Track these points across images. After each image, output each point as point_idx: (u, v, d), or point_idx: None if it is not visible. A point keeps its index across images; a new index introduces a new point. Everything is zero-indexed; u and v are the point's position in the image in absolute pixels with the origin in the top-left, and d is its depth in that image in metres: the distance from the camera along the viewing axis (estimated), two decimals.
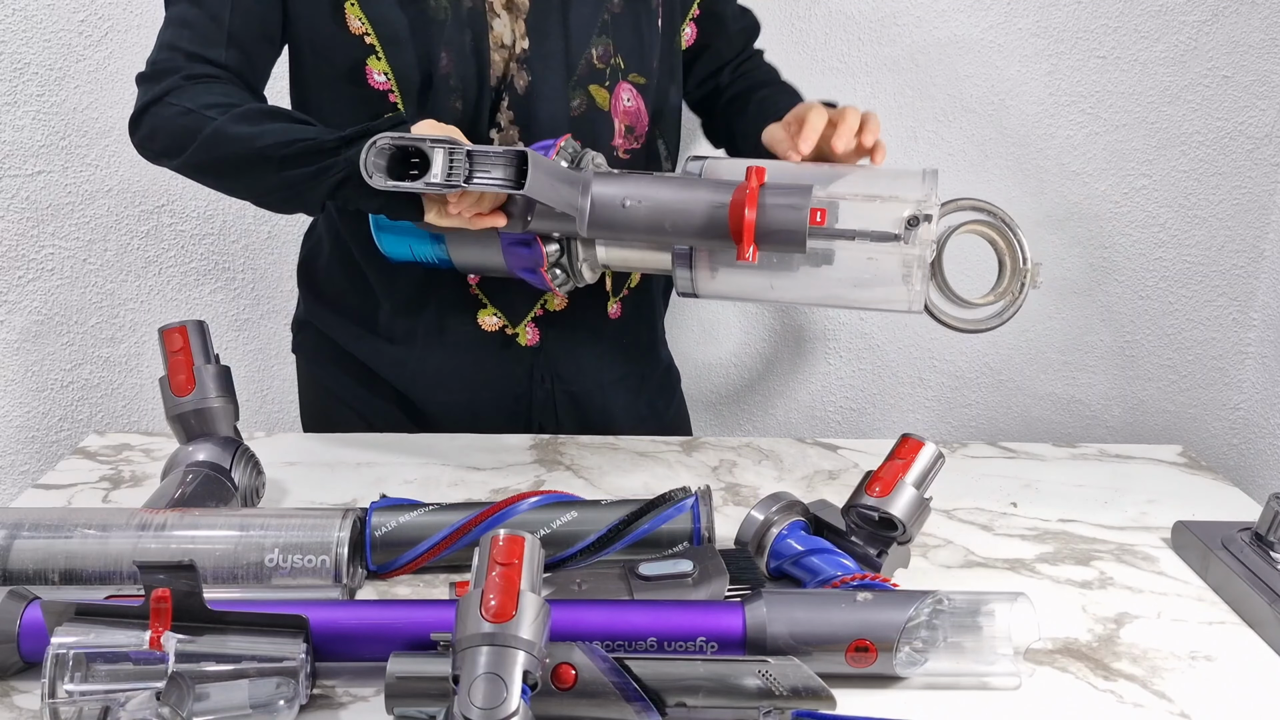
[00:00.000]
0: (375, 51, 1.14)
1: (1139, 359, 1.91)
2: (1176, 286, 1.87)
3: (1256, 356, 1.90)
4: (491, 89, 1.16)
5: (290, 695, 0.75)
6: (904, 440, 0.96)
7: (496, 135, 1.18)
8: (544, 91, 1.17)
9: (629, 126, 1.23)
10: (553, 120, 1.18)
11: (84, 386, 1.87)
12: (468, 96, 1.15)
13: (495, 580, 0.69)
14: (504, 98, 1.17)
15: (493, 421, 1.29)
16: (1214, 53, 1.76)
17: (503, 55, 1.16)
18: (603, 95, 1.20)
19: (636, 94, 1.22)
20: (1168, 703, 0.82)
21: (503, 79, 1.17)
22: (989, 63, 1.73)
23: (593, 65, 1.19)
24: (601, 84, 1.20)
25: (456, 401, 1.29)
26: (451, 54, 1.14)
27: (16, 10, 1.68)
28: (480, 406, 1.29)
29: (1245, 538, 0.98)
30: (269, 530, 0.90)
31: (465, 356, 1.26)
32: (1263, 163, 1.81)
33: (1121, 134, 1.78)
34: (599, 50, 1.18)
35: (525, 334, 1.25)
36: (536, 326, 1.26)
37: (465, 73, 1.15)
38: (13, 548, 0.88)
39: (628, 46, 1.20)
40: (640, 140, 1.24)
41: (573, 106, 1.19)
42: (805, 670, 0.75)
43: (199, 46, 1.12)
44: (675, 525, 0.95)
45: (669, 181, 1.08)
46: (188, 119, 1.08)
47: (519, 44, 1.16)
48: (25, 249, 1.78)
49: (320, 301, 1.32)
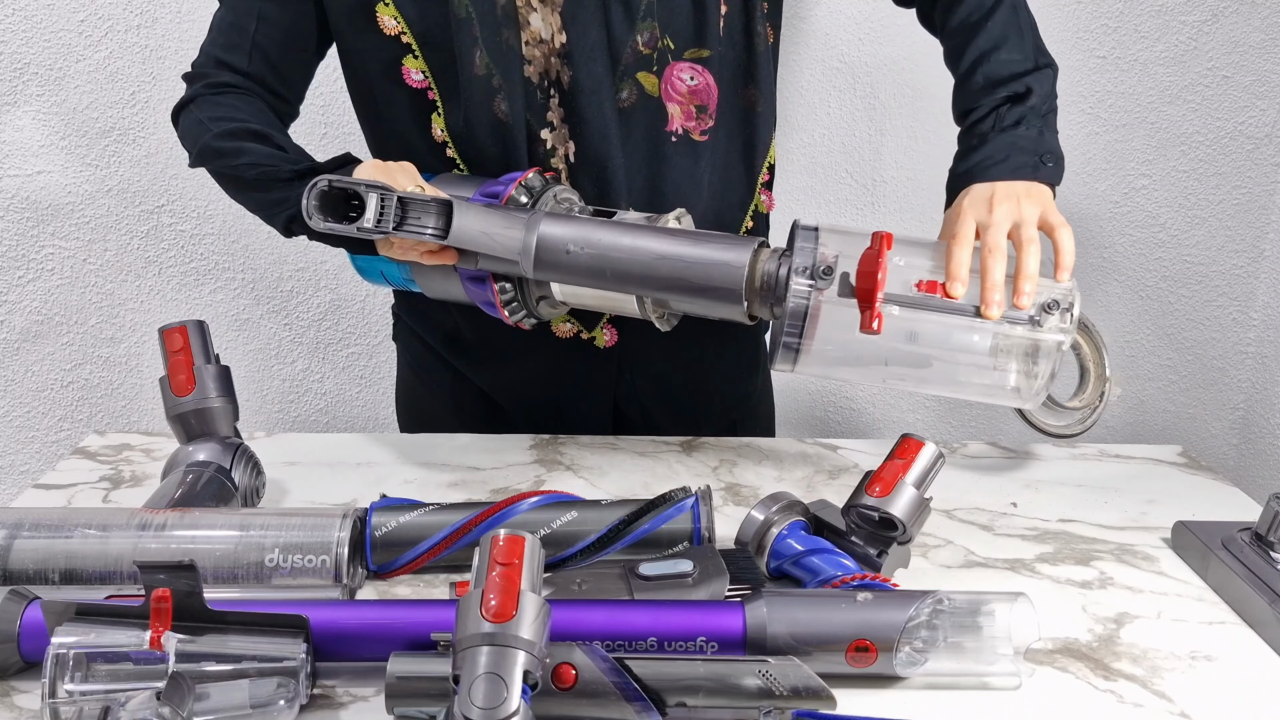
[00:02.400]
0: (412, 50, 1.13)
1: (1139, 359, 1.91)
2: (1176, 286, 1.87)
3: (1256, 356, 1.91)
4: (536, 87, 1.14)
5: (290, 695, 0.75)
6: (904, 440, 0.96)
7: (549, 135, 1.15)
8: (587, 85, 1.13)
9: (700, 106, 1.18)
10: (598, 116, 1.14)
11: (84, 386, 1.87)
12: (512, 96, 1.13)
13: (495, 580, 0.69)
14: (553, 95, 1.15)
15: (578, 419, 1.29)
16: (1214, 53, 1.76)
17: (542, 51, 1.13)
18: (652, 82, 1.15)
19: (702, 70, 1.16)
20: (1168, 703, 0.82)
21: (546, 74, 1.14)
22: None
23: (639, 52, 1.14)
24: (650, 70, 1.15)
25: (541, 404, 1.29)
26: (484, 53, 1.11)
27: (16, 10, 1.68)
28: (564, 405, 1.29)
29: (1245, 538, 0.98)
30: (269, 530, 0.90)
31: (546, 365, 1.25)
32: (1263, 163, 1.82)
33: (1121, 134, 1.78)
34: (644, 36, 1.14)
35: (603, 336, 1.24)
36: (613, 326, 1.24)
37: (505, 72, 1.12)
38: (13, 548, 0.88)
39: (677, 25, 1.15)
40: (714, 118, 1.18)
41: (621, 98, 1.15)
42: (805, 670, 0.75)
43: (226, 54, 1.15)
44: (675, 525, 0.95)
45: (624, 229, 1.05)
46: (197, 129, 1.13)
47: (556, 38, 1.13)
48: (25, 249, 1.79)
49: (404, 305, 1.34)
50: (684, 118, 1.17)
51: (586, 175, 1.16)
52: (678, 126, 1.17)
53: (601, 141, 1.14)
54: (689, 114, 1.17)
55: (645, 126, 1.16)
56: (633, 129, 1.16)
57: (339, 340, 1.90)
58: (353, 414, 1.95)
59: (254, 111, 1.14)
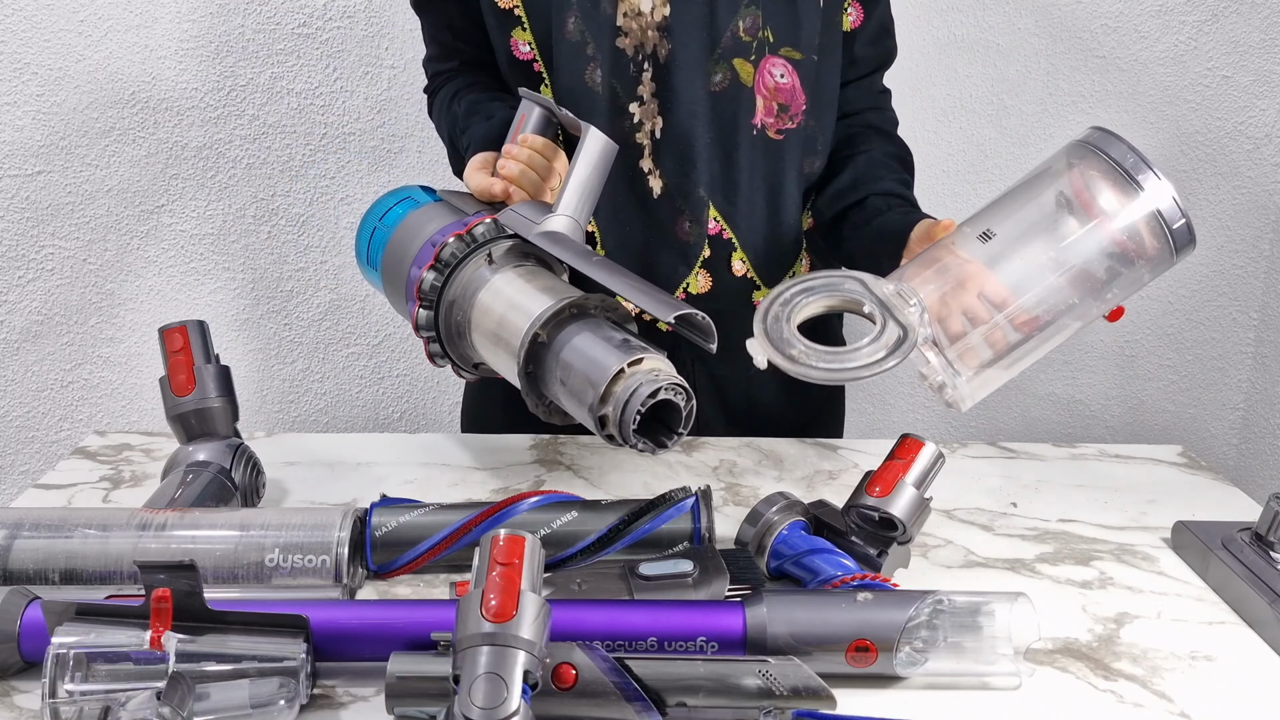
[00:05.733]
0: (522, 22, 1.16)
1: (1139, 359, 1.91)
2: (1176, 286, 1.87)
3: (1256, 356, 1.91)
4: (629, 59, 1.14)
5: (291, 695, 0.75)
6: (904, 440, 0.96)
7: (638, 109, 1.16)
8: (684, 61, 1.13)
9: (782, 105, 1.17)
10: (690, 94, 1.14)
11: (84, 386, 1.87)
12: (604, 66, 1.14)
13: (495, 580, 0.69)
14: (646, 69, 1.15)
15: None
16: (1214, 53, 1.76)
17: (640, 23, 1.13)
18: (747, 70, 1.15)
19: (791, 70, 1.17)
20: (1168, 703, 0.82)
21: (641, 48, 1.14)
22: (989, 63, 1.73)
23: (738, 37, 1.14)
24: (747, 58, 1.15)
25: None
26: (578, 19, 1.13)
27: (16, 10, 1.68)
28: None
29: (1245, 538, 0.98)
30: (269, 530, 0.90)
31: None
32: (1263, 163, 1.82)
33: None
34: (746, 21, 1.14)
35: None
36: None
37: (599, 41, 1.13)
38: (13, 548, 0.88)
39: (779, 19, 1.15)
40: (796, 120, 1.19)
41: (714, 81, 1.15)
42: (805, 670, 0.75)
43: (442, 64, 1.30)
44: (675, 525, 0.95)
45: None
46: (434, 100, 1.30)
47: (658, 10, 1.13)
48: (25, 249, 1.79)
49: None
50: (765, 113, 1.17)
51: (670, 153, 1.17)
52: (760, 120, 1.18)
53: (690, 119, 1.15)
54: (770, 110, 1.18)
55: (732, 114, 1.16)
56: (720, 114, 1.16)
57: (339, 340, 1.90)
58: (353, 414, 1.95)
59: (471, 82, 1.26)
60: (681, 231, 1.20)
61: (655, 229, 1.20)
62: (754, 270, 1.23)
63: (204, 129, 1.78)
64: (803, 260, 1.27)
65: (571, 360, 0.89)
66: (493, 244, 1.02)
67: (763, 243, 1.22)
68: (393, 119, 1.80)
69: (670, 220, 1.20)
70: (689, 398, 0.85)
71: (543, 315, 0.91)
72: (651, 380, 0.83)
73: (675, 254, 1.21)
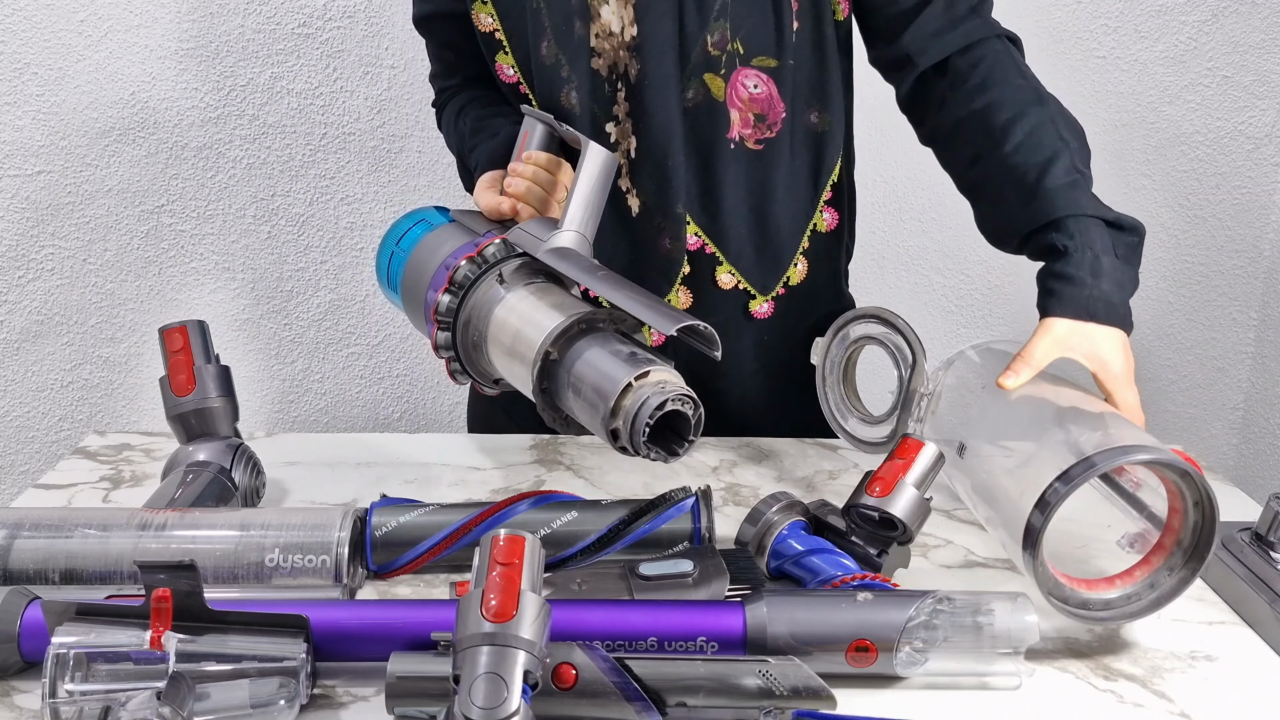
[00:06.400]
0: (504, 46, 1.18)
1: (1139, 359, 1.90)
2: (1176, 286, 1.87)
3: (1256, 356, 1.91)
4: (604, 79, 1.15)
5: (291, 695, 0.75)
6: (904, 440, 0.96)
7: (614, 128, 1.16)
8: (655, 79, 1.14)
9: (759, 115, 1.16)
10: (664, 112, 1.14)
11: (84, 386, 1.87)
12: (582, 88, 1.15)
13: (496, 580, 0.69)
14: (619, 89, 1.15)
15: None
16: (1214, 53, 1.76)
17: (612, 43, 1.14)
18: (718, 85, 1.15)
19: (767, 79, 1.16)
20: (1168, 703, 0.82)
21: (615, 68, 1.15)
22: None
23: (708, 52, 1.14)
24: (717, 72, 1.15)
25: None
26: (551, 43, 1.14)
27: (16, 10, 1.68)
28: None
29: (1245, 538, 0.98)
30: (269, 530, 0.90)
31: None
32: (1263, 163, 1.82)
33: (1121, 134, 1.78)
34: (715, 36, 1.13)
35: (649, 333, 1.21)
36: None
37: (575, 63, 1.14)
38: (13, 548, 0.88)
39: (748, 29, 1.14)
40: (775, 129, 1.18)
41: (687, 98, 1.15)
42: (805, 670, 0.76)
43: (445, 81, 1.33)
44: (675, 525, 0.95)
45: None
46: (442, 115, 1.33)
47: (627, 30, 1.13)
48: (25, 249, 1.79)
49: None
50: (742, 125, 1.17)
51: (647, 172, 1.17)
52: (736, 134, 1.17)
53: (664, 138, 1.15)
54: (747, 121, 1.17)
55: (708, 129, 1.17)
56: (696, 130, 1.16)
57: (339, 340, 1.90)
58: (353, 414, 1.95)
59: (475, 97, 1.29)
60: (663, 248, 1.20)
61: (637, 247, 1.21)
62: (746, 281, 1.23)
63: (204, 129, 1.78)
64: (797, 265, 1.26)
65: (582, 375, 0.90)
66: (503, 264, 1.03)
67: (753, 253, 1.22)
68: (393, 119, 1.80)
69: (651, 238, 1.20)
70: (697, 406, 0.86)
71: (553, 333, 0.92)
72: (659, 392, 0.84)
73: (658, 271, 1.21)
